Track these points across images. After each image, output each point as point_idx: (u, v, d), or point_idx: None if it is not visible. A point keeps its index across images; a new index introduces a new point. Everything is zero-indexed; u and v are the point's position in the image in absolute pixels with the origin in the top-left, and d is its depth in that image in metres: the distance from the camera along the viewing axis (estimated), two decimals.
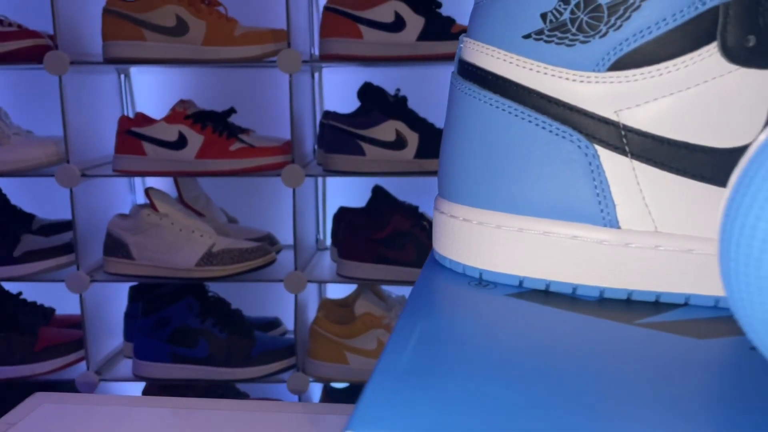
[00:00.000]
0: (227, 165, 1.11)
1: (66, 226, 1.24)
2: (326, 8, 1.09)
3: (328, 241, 1.34)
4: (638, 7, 0.24)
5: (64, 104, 1.08)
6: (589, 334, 0.24)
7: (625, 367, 0.21)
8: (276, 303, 1.33)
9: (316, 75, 1.29)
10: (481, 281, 0.29)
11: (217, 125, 1.12)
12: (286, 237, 1.28)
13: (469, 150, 0.29)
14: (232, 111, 1.17)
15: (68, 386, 1.22)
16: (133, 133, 1.11)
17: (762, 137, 0.15)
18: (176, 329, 1.17)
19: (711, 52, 0.24)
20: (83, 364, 1.22)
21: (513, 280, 0.28)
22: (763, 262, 0.15)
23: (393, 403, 0.18)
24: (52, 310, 1.29)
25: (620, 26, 0.25)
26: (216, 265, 1.14)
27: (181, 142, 1.10)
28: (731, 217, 0.16)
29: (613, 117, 0.26)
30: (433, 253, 0.32)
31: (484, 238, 0.29)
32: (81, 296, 1.17)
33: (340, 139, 1.11)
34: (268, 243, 1.26)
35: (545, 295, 0.28)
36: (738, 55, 0.24)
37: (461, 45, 0.30)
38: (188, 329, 1.17)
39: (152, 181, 1.34)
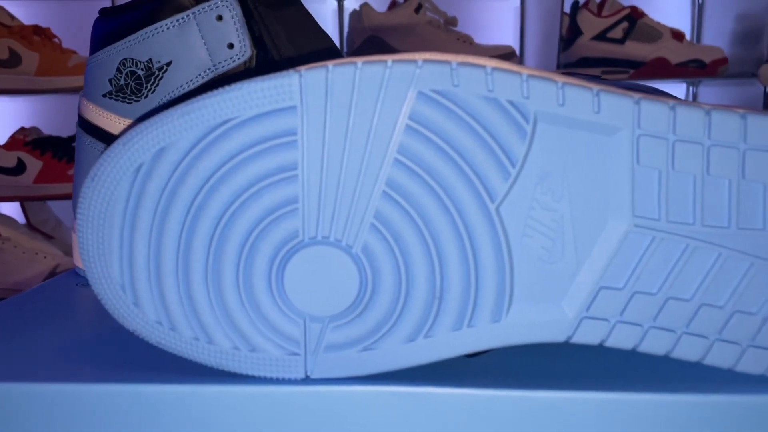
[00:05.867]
0: (66, 189, 1.16)
1: None
2: None
3: None
4: (161, 77, 0.34)
5: None
6: None
7: None
8: None
9: None
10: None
11: (57, 151, 1.18)
12: None
13: (81, 181, 0.38)
14: None
15: None
16: None
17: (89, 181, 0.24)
18: None
19: None
20: None
21: None
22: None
23: None
24: None
25: (155, 90, 0.34)
26: None
27: (19, 168, 1.15)
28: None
29: None
30: None
31: None
32: None
33: None
34: None
35: None
36: None
37: (80, 101, 0.38)
38: None
39: (5, 207, 1.37)
